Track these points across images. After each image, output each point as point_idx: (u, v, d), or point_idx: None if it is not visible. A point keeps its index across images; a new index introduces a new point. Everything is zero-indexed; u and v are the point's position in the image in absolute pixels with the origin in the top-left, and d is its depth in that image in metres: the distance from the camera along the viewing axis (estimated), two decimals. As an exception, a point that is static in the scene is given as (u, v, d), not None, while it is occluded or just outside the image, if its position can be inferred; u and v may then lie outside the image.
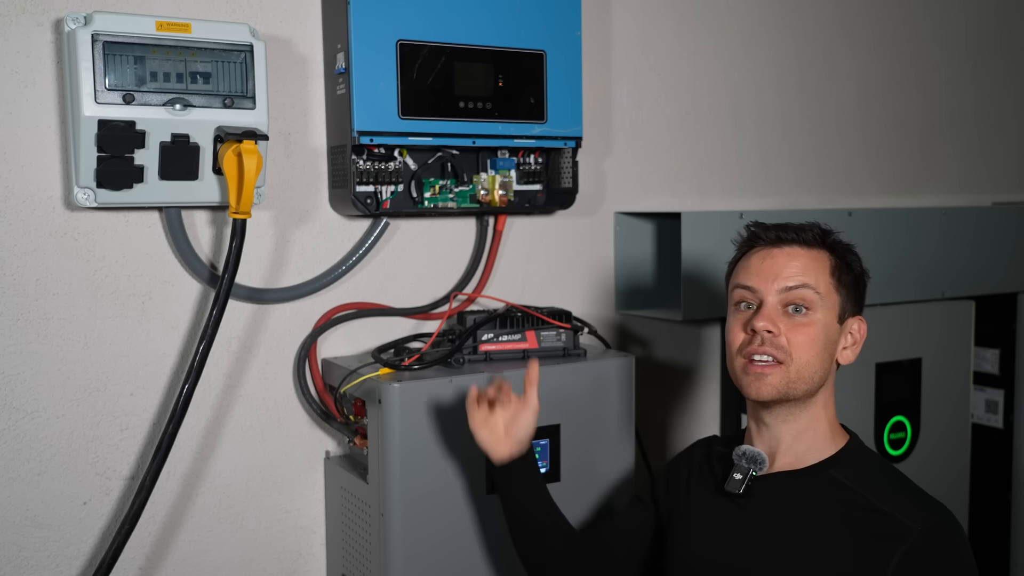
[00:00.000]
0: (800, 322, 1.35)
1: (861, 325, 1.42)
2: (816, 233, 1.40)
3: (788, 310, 1.36)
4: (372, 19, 1.68)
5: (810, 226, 1.41)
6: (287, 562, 1.85)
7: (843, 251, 1.41)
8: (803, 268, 1.37)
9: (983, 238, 2.43)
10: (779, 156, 2.46)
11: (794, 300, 1.35)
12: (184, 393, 1.57)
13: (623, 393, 1.82)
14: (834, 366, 1.40)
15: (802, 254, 1.38)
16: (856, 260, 1.42)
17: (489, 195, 1.86)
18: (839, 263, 1.39)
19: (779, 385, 1.34)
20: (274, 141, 1.75)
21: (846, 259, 1.41)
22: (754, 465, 1.37)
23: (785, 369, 1.34)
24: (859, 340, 1.41)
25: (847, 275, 1.39)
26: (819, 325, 1.35)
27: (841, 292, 1.38)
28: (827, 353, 1.37)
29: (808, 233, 1.40)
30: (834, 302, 1.37)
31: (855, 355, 1.41)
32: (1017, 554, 2.61)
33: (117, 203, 1.57)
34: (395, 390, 1.59)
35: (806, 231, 1.40)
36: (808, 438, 1.38)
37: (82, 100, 1.47)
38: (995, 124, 2.91)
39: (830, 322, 1.37)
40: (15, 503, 1.60)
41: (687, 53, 2.28)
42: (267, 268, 1.79)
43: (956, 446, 2.36)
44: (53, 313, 1.61)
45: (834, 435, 1.40)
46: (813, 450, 1.38)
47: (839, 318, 1.38)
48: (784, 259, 1.38)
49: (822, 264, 1.38)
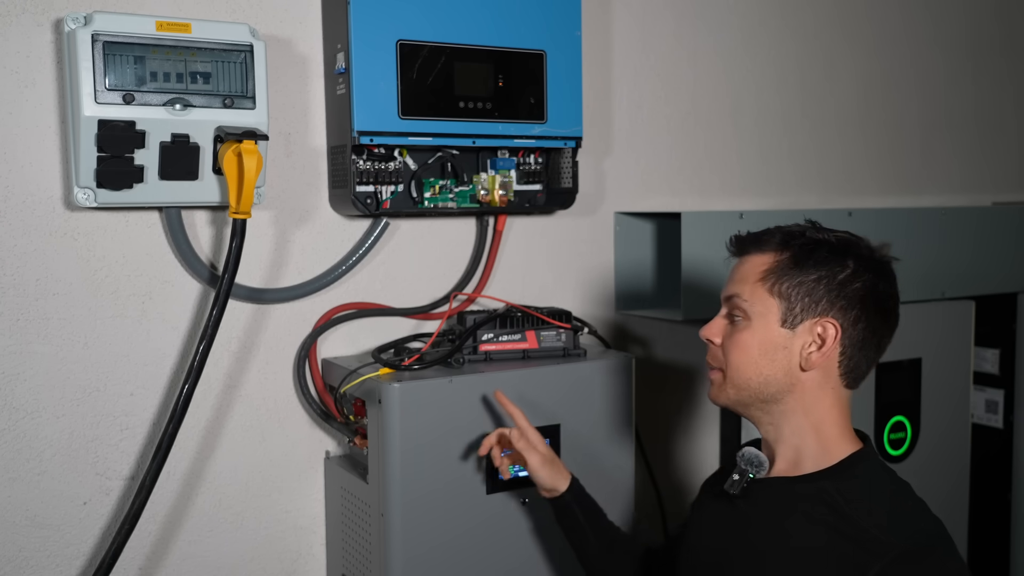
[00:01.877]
0: (736, 329, 1.37)
1: (827, 327, 1.32)
2: (776, 239, 1.36)
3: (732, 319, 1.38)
4: (372, 19, 1.68)
5: (773, 232, 1.38)
6: (287, 562, 1.85)
7: (805, 251, 1.34)
8: (741, 276, 1.37)
9: (983, 238, 2.43)
10: (779, 156, 2.46)
11: (731, 309, 1.38)
12: (184, 393, 1.57)
13: (623, 393, 1.82)
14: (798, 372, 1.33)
15: (748, 261, 1.37)
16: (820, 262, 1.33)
17: (489, 195, 1.86)
18: (783, 266, 1.34)
19: (717, 391, 1.40)
20: (274, 141, 1.75)
21: (802, 259, 1.33)
22: (751, 467, 1.37)
23: (722, 376, 1.39)
24: (829, 343, 1.32)
25: (794, 276, 1.33)
26: (751, 332, 1.34)
27: (784, 295, 1.33)
28: (768, 359, 1.33)
29: (766, 242, 1.37)
30: (770, 307, 1.33)
31: (823, 359, 1.32)
32: (1017, 554, 2.61)
33: (117, 203, 1.57)
34: (395, 390, 1.59)
35: (763, 240, 1.37)
36: (800, 445, 1.36)
37: (82, 100, 1.47)
38: (995, 124, 2.91)
39: (767, 327, 1.33)
40: (15, 503, 1.60)
41: (687, 53, 2.28)
42: (267, 268, 1.79)
43: (956, 446, 2.36)
44: (53, 313, 1.61)
45: (835, 444, 1.35)
46: (810, 459, 1.35)
47: (783, 322, 1.33)
48: (735, 269, 1.40)
49: (760, 269, 1.35)
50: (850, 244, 1.36)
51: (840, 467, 1.33)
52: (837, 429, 1.36)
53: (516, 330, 1.78)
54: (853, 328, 1.33)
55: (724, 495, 1.39)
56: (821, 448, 1.35)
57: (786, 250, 1.35)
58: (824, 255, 1.34)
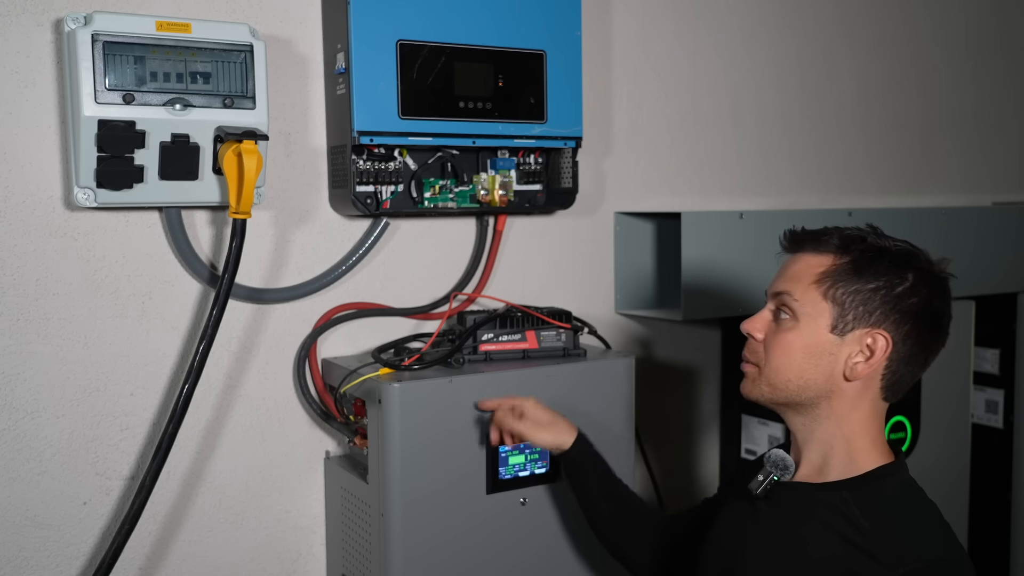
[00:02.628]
0: (782, 328, 1.33)
1: (878, 339, 1.29)
2: (835, 240, 1.33)
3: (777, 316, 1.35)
4: (372, 19, 1.68)
5: (831, 232, 1.34)
6: (287, 562, 1.85)
7: (867, 258, 1.31)
8: (794, 274, 1.33)
9: (983, 238, 2.43)
10: (779, 156, 2.46)
11: (778, 306, 1.35)
12: (184, 393, 1.57)
13: (623, 393, 1.82)
14: (842, 380, 1.31)
15: (803, 260, 1.34)
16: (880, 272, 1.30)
17: (489, 195, 1.86)
18: (842, 271, 1.31)
19: (750, 387, 1.37)
20: (274, 141, 1.75)
21: (867, 268, 1.30)
22: (776, 470, 1.35)
23: (758, 371, 1.35)
24: (877, 355, 1.29)
25: (851, 283, 1.30)
26: (796, 332, 1.31)
27: (838, 301, 1.30)
28: (810, 363, 1.31)
29: (825, 240, 1.33)
30: (821, 311, 1.30)
31: (870, 370, 1.30)
32: (1017, 554, 2.61)
33: (117, 203, 1.57)
34: (395, 390, 1.59)
35: (822, 240, 1.34)
36: (829, 452, 1.34)
37: (82, 100, 1.47)
38: (995, 124, 2.91)
39: (815, 331, 1.31)
40: (15, 503, 1.60)
41: (687, 53, 2.28)
42: (267, 268, 1.79)
43: (956, 446, 2.36)
44: (53, 313, 1.61)
45: (863, 456, 1.33)
46: (836, 467, 1.33)
47: (832, 328, 1.30)
48: (787, 265, 1.36)
49: (817, 271, 1.32)
50: (911, 256, 1.33)
51: (864, 479, 1.31)
52: (868, 440, 1.33)
53: (516, 330, 1.78)
54: (903, 343, 1.30)
55: (748, 495, 1.38)
56: (848, 458, 1.33)
57: (846, 254, 1.32)
58: (885, 265, 1.30)
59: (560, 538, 1.75)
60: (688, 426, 2.34)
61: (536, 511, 1.72)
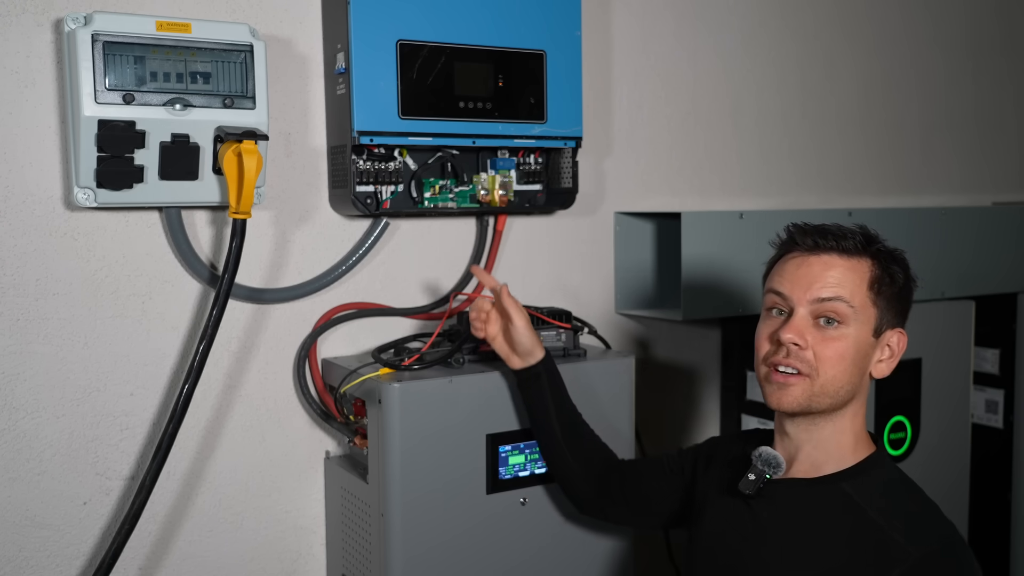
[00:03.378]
0: (831, 335, 1.30)
1: (901, 338, 1.35)
2: (858, 240, 1.33)
3: (819, 322, 1.31)
4: (372, 19, 1.68)
5: (852, 232, 1.34)
6: (287, 562, 1.85)
7: (887, 260, 1.34)
8: (839, 279, 1.31)
9: (983, 238, 2.43)
10: (779, 156, 2.46)
11: (826, 312, 1.31)
12: (184, 393, 1.57)
13: (623, 393, 1.82)
14: (866, 379, 1.35)
15: (840, 263, 1.32)
16: (900, 270, 1.35)
17: (489, 195, 1.86)
18: (880, 274, 1.33)
19: (801, 398, 1.31)
20: (274, 141, 1.75)
21: (889, 269, 1.34)
22: (768, 468, 1.35)
23: (809, 382, 1.31)
24: (897, 354, 1.35)
25: (888, 287, 1.33)
26: (850, 339, 1.31)
27: (879, 305, 1.32)
28: (856, 368, 1.32)
29: (849, 241, 1.33)
30: (869, 316, 1.32)
31: (891, 369, 1.35)
32: (1017, 554, 2.61)
33: (117, 203, 1.57)
34: (395, 390, 1.59)
35: (847, 238, 1.33)
36: (828, 448, 1.35)
37: (82, 100, 1.47)
38: (995, 124, 2.91)
39: (863, 336, 1.32)
40: (15, 503, 1.60)
41: (687, 53, 2.28)
42: (267, 268, 1.79)
43: (956, 446, 2.36)
44: (53, 313, 1.61)
45: (857, 447, 1.36)
46: (832, 460, 1.35)
47: (875, 332, 1.33)
48: (820, 268, 1.32)
49: (860, 275, 1.32)
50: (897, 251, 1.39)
51: (858, 469, 1.33)
52: (863, 431, 1.38)
53: None
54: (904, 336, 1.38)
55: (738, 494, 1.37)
56: (846, 451, 1.35)
57: (876, 257, 1.34)
58: (902, 266, 1.36)
59: (560, 538, 1.75)
60: (688, 426, 2.34)
61: (536, 511, 1.72)
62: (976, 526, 2.46)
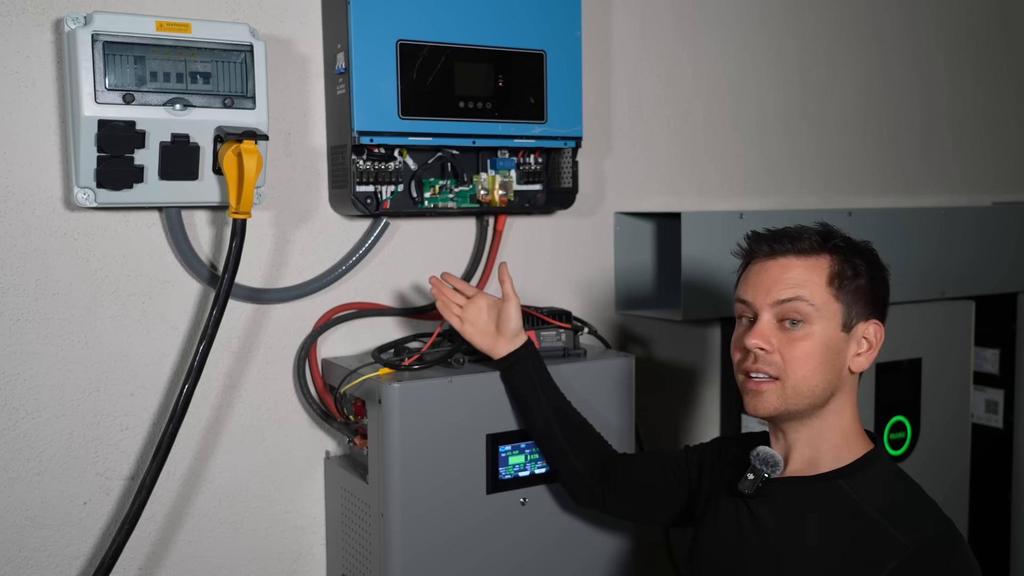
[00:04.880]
0: (796, 336, 1.31)
1: (877, 330, 1.35)
2: (814, 240, 1.34)
3: (784, 324, 1.32)
4: (372, 19, 1.68)
5: (808, 232, 1.35)
6: (287, 562, 1.85)
7: (848, 253, 1.34)
8: (797, 279, 1.32)
9: (983, 238, 2.43)
10: (779, 156, 2.46)
11: (788, 314, 1.32)
12: (184, 393, 1.57)
13: (623, 393, 1.82)
14: (847, 374, 1.35)
15: (797, 264, 1.33)
16: (865, 261, 1.35)
17: (489, 195, 1.86)
18: (840, 268, 1.33)
19: (776, 403, 1.33)
20: (274, 141, 1.75)
21: (851, 262, 1.34)
22: (766, 467, 1.35)
23: (781, 385, 1.32)
24: (875, 345, 1.35)
25: (851, 280, 1.33)
26: (816, 338, 1.31)
27: (843, 299, 1.32)
28: (829, 364, 1.32)
29: (805, 241, 1.34)
30: (834, 311, 1.32)
31: (870, 361, 1.35)
32: (1017, 554, 2.61)
33: (117, 203, 1.57)
34: (395, 390, 1.59)
35: (802, 239, 1.34)
36: (822, 445, 1.36)
37: (82, 100, 1.47)
38: (995, 124, 2.91)
39: (831, 332, 1.32)
40: (15, 503, 1.60)
41: (687, 53, 2.28)
42: (267, 268, 1.79)
43: (956, 446, 2.36)
44: (53, 313, 1.61)
45: (853, 443, 1.36)
46: (828, 457, 1.35)
47: (844, 326, 1.33)
48: (777, 271, 1.34)
49: (819, 272, 1.32)
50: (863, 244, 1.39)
51: (855, 466, 1.34)
52: (857, 428, 1.37)
53: None
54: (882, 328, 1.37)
55: (738, 494, 1.38)
56: (837, 448, 1.35)
57: (835, 252, 1.34)
58: (869, 258, 1.37)
59: (560, 538, 1.75)
60: (688, 426, 2.34)
61: (536, 511, 1.72)
62: (976, 526, 2.46)
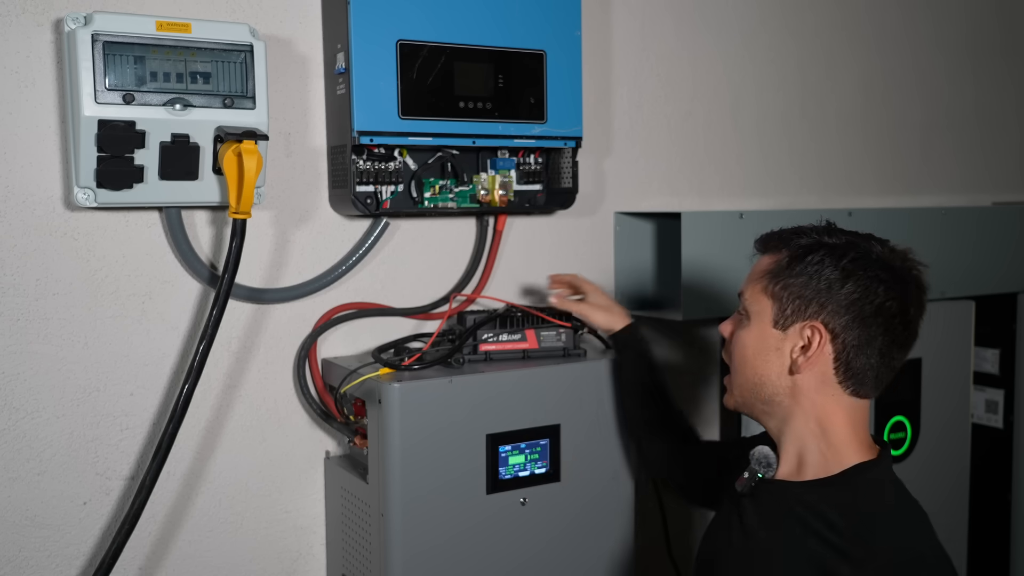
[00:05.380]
0: (739, 327, 1.38)
1: (815, 332, 1.29)
2: (780, 237, 1.36)
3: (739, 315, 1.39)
4: (372, 19, 1.68)
5: (790, 231, 1.37)
6: (287, 562, 1.85)
7: (805, 251, 1.31)
8: (749, 275, 1.38)
9: (983, 238, 2.43)
10: (779, 156, 2.46)
11: (739, 308, 1.39)
12: (184, 393, 1.57)
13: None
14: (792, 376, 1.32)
15: (760, 261, 1.38)
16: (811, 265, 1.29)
17: (489, 195, 1.86)
18: (781, 265, 1.32)
19: (727, 396, 1.41)
20: (274, 141, 1.75)
21: (799, 262, 1.30)
22: (760, 467, 1.36)
23: (731, 378, 1.40)
24: (814, 347, 1.29)
25: (790, 277, 1.30)
26: (748, 331, 1.35)
27: (778, 296, 1.31)
28: (761, 359, 1.33)
29: (773, 239, 1.37)
30: (764, 307, 1.33)
31: (812, 363, 1.29)
32: (1017, 554, 2.61)
33: (117, 203, 1.57)
34: (395, 390, 1.59)
35: (778, 238, 1.37)
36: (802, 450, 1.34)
37: (82, 100, 1.47)
38: (995, 124, 2.91)
39: (761, 329, 1.33)
40: (15, 503, 1.60)
41: (687, 53, 2.28)
42: (267, 268, 1.79)
43: (956, 446, 2.36)
44: (53, 313, 1.61)
45: (840, 454, 1.31)
46: (812, 465, 1.33)
47: (775, 323, 1.31)
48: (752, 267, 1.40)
49: (762, 268, 1.35)
50: (851, 247, 1.31)
51: (839, 477, 1.30)
52: (843, 437, 1.32)
53: (516, 330, 1.78)
54: (845, 333, 1.28)
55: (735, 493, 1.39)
56: (823, 455, 1.32)
57: (786, 250, 1.34)
58: (820, 257, 1.30)
59: (560, 538, 1.75)
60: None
61: (536, 511, 1.72)
62: (976, 526, 2.46)
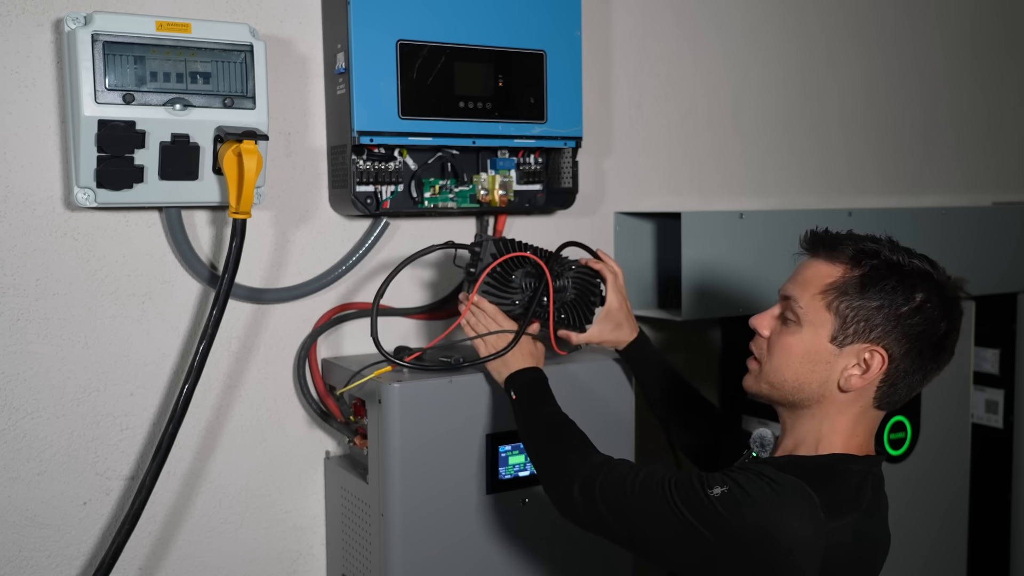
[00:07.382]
0: (785, 331, 1.34)
1: (875, 356, 1.28)
2: (851, 252, 1.32)
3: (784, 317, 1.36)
4: (372, 19, 1.68)
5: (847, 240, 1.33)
6: (287, 562, 1.85)
7: (876, 276, 1.29)
8: (803, 281, 1.33)
9: (984, 238, 2.43)
10: (780, 156, 2.46)
11: (785, 310, 1.36)
12: (184, 393, 1.57)
13: (623, 393, 1.82)
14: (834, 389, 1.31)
15: (815, 267, 1.33)
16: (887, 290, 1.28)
17: (489, 195, 1.86)
18: (850, 283, 1.30)
19: (752, 382, 1.40)
20: (274, 141, 1.75)
21: (872, 285, 1.29)
22: (755, 446, 1.41)
23: (759, 368, 1.38)
24: (873, 371, 1.29)
25: (858, 300, 1.29)
26: (798, 338, 1.32)
27: (841, 314, 1.29)
28: (808, 368, 1.32)
29: (841, 252, 1.32)
30: (823, 320, 1.30)
31: (864, 384, 1.30)
32: (1017, 554, 2.61)
33: (117, 203, 1.57)
34: (395, 390, 1.59)
35: (839, 247, 1.32)
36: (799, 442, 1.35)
37: (82, 100, 1.47)
38: (996, 124, 2.91)
39: (816, 340, 1.31)
40: (15, 503, 1.60)
41: (687, 52, 2.28)
42: (267, 268, 1.79)
43: (956, 446, 2.36)
44: (53, 313, 1.61)
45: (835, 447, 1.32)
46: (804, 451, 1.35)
47: (832, 339, 1.30)
48: (800, 269, 1.37)
49: (825, 281, 1.31)
50: (924, 275, 1.31)
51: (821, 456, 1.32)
52: (842, 438, 1.33)
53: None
54: (903, 360, 1.29)
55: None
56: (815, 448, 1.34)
57: (856, 268, 1.30)
58: (893, 283, 1.28)
59: (560, 538, 1.75)
60: (688, 426, 2.34)
61: (536, 511, 1.72)
62: (976, 526, 2.46)
